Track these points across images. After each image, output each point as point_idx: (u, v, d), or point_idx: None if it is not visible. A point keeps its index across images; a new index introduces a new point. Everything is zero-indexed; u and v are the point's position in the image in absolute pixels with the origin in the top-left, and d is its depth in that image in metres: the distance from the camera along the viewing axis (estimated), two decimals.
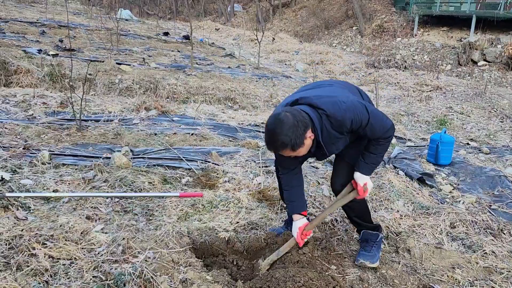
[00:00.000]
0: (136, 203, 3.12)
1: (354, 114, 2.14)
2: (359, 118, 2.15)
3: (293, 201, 2.51)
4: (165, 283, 2.17)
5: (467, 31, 15.24)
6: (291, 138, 2.02)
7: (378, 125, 2.23)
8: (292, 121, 2.02)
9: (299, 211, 2.49)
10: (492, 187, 4.02)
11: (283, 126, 2.02)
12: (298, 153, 2.13)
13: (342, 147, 2.36)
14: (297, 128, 2.02)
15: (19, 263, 2.18)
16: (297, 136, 2.03)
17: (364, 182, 2.38)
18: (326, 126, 2.16)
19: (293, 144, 2.04)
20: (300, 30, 21.96)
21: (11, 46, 8.07)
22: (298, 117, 2.05)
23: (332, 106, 2.14)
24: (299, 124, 2.03)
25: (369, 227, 2.69)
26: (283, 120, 2.03)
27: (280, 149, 2.08)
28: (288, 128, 2.01)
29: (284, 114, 2.05)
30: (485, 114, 7.58)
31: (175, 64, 9.30)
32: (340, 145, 2.33)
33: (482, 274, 2.61)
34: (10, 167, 3.35)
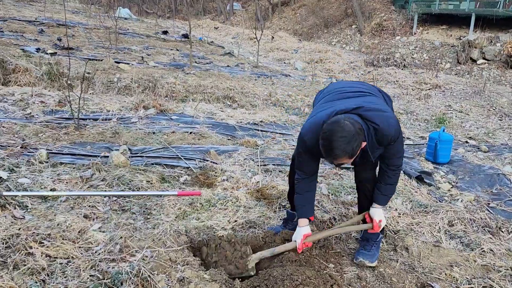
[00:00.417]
0: (134, 202, 3.11)
1: (395, 132, 2.22)
2: (396, 136, 2.24)
3: (304, 206, 2.50)
4: (162, 282, 2.17)
5: (466, 30, 15.23)
6: (353, 147, 2.02)
7: (400, 148, 2.34)
8: (353, 130, 2.02)
9: (307, 216, 2.49)
10: (491, 185, 4.02)
11: (345, 134, 2.00)
12: (351, 159, 2.13)
13: (377, 156, 2.38)
14: (358, 137, 2.04)
15: (16, 262, 2.18)
16: (358, 145, 2.05)
17: (380, 218, 2.51)
18: (372, 137, 2.20)
19: (353, 153, 2.05)
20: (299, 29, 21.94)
21: (9, 44, 8.06)
22: (356, 126, 2.05)
23: (382, 121, 2.18)
24: (358, 132, 2.04)
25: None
26: (345, 129, 2.01)
27: (339, 157, 2.05)
28: (351, 137, 2.01)
29: (343, 122, 2.03)
30: (484, 113, 7.58)
31: (174, 63, 9.29)
32: (377, 154, 2.35)
33: (480, 272, 2.61)
34: (8, 166, 3.35)
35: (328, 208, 3.27)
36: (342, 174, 4.00)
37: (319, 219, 3.11)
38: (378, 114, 2.20)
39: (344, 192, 3.61)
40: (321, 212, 3.21)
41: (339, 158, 2.06)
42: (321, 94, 2.66)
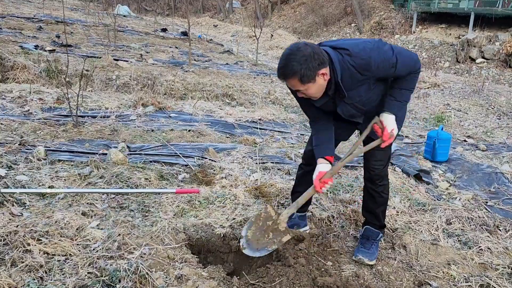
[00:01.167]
0: (132, 199, 3.11)
1: (379, 53, 2.06)
2: (386, 57, 2.07)
3: (318, 145, 2.39)
4: (160, 279, 2.17)
5: (465, 28, 15.24)
6: (303, 67, 1.95)
7: (407, 59, 2.15)
8: (309, 52, 1.97)
9: (323, 155, 2.34)
10: (489, 184, 4.02)
11: (298, 53, 1.97)
12: (307, 89, 2.05)
13: (365, 94, 2.21)
14: (312, 60, 1.96)
15: (14, 259, 2.17)
16: (309, 67, 1.96)
17: (392, 127, 2.23)
18: (349, 66, 2.07)
19: (303, 75, 1.97)
20: (298, 27, 21.92)
21: (7, 41, 8.05)
22: (317, 52, 1.99)
23: (357, 46, 2.07)
24: (315, 56, 1.97)
25: (381, 224, 2.71)
26: (300, 48, 1.98)
27: (288, 77, 2.01)
28: (301, 56, 1.96)
29: (303, 44, 2.00)
30: (482, 111, 7.59)
31: (173, 61, 9.28)
32: (362, 92, 2.19)
33: (477, 270, 2.62)
34: (6, 163, 3.34)
35: (327, 206, 3.28)
36: (340, 172, 4.00)
37: (317, 217, 3.11)
38: (351, 41, 2.12)
39: (342, 190, 3.61)
40: (320, 210, 3.21)
41: (288, 77, 2.01)
42: None
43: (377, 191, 2.60)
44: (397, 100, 2.24)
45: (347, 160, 2.35)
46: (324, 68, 2.02)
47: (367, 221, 2.76)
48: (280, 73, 2.05)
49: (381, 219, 2.71)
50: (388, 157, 2.57)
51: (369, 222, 2.73)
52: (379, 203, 2.65)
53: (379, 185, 2.58)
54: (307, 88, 2.06)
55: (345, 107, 2.27)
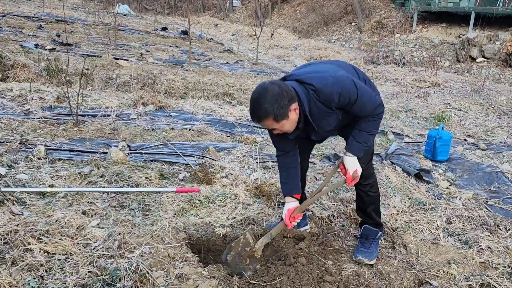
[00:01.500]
0: (133, 198, 3.11)
1: (342, 88, 2.09)
2: (347, 92, 2.10)
3: (286, 183, 2.48)
4: (160, 278, 2.17)
5: (465, 28, 15.22)
6: (274, 107, 1.99)
7: (367, 101, 2.18)
8: (277, 91, 2.01)
9: (291, 193, 2.46)
10: (489, 183, 4.02)
11: (267, 95, 2.00)
12: (282, 126, 2.11)
13: (335, 123, 2.29)
14: (282, 98, 2.00)
15: (14, 258, 2.17)
16: (281, 106, 2.00)
17: (354, 169, 2.31)
18: (314, 100, 2.13)
19: (276, 114, 2.01)
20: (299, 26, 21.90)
21: (8, 40, 8.04)
22: (283, 88, 2.03)
23: (320, 80, 2.11)
24: (284, 94, 2.01)
25: (376, 222, 2.71)
26: (268, 89, 2.01)
27: (263, 119, 2.05)
28: (271, 96, 1.99)
29: (269, 84, 2.04)
30: (482, 111, 7.58)
31: (173, 60, 9.27)
32: (332, 121, 2.26)
33: (478, 270, 2.62)
34: (6, 162, 3.34)
35: (327, 206, 3.28)
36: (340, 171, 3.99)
37: (317, 216, 3.11)
38: (316, 75, 2.15)
39: (342, 189, 3.61)
40: (320, 210, 3.21)
41: (263, 119, 2.04)
42: None
43: (363, 190, 2.61)
44: (357, 141, 2.30)
45: (315, 197, 2.48)
46: (294, 103, 2.07)
47: (363, 221, 2.76)
48: (254, 117, 2.08)
49: (375, 218, 2.71)
50: (368, 157, 2.56)
51: (364, 221, 2.75)
52: (367, 202, 2.66)
53: (364, 184, 2.58)
54: (282, 125, 2.11)
55: (318, 134, 2.38)
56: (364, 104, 2.17)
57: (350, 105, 2.15)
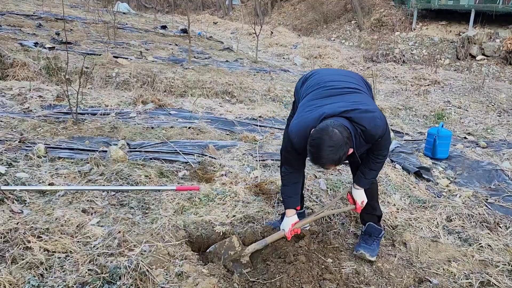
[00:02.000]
0: (133, 197, 3.11)
1: (383, 130, 2.27)
2: (383, 133, 2.29)
3: (291, 197, 2.57)
4: (160, 276, 2.17)
5: (466, 25, 15.20)
6: (340, 155, 2.08)
7: (387, 142, 2.41)
8: (342, 139, 2.06)
9: (294, 206, 2.57)
10: (489, 181, 4.02)
11: (331, 142, 2.04)
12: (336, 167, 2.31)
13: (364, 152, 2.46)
14: (346, 146, 2.08)
15: (14, 256, 2.17)
16: (345, 153, 2.10)
17: (362, 199, 2.58)
18: (359, 138, 2.24)
19: (340, 161, 2.12)
20: (298, 24, 21.87)
21: (7, 39, 8.02)
22: (344, 135, 2.09)
23: (370, 123, 2.21)
24: (347, 141, 2.09)
25: (378, 214, 2.75)
26: (333, 138, 2.04)
27: (326, 165, 2.14)
28: (335, 145, 2.05)
29: (332, 130, 2.06)
30: (482, 108, 7.58)
31: (173, 58, 9.26)
32: (363, 151, 2.43)
33: (477, 267, 2.62)
34: (6, 160, 3.34)
35: (327, 203, 3.27)
36: (340, 169, 4.00)
37: None
38: (367, 115, 2.22)
39: (342, 187, 3.61)
40: (320, 207, 3.21)
41: (326, 165, 2.15)
42: (305, 84, 2.59)
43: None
44: (365, 177, 2.53)
45: (319, 215, 2.70)
46: (350, 148, 2.16)
47: (366, 217, 2.77)
48: (319, 163, 2.15)
49: (377, 207, 2.77)
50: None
51: (368, 217, 2.75)
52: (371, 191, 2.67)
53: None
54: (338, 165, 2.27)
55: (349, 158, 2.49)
56: (385, 143, 2.40)
57: (375, 140, 2.31)
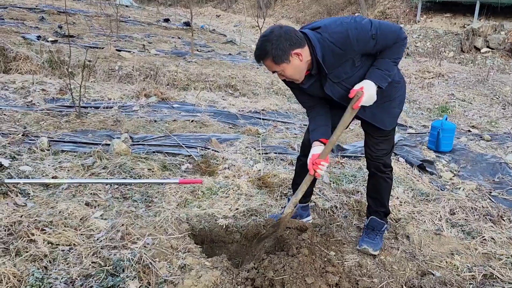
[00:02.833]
0: (136, 190, 3.12)
1: (357, 26, 2.04)
2: (364, 29, 2.04)
3: (314, 129, 2.36)
4: (163, 269, 2.18)
5: (470, 18, 15.06)
6: (273, 47, 2.00)
7: (389, 30, 2.10)
8: (280, 33, 2.02)
9: (318, 137, 2.31)
10: (493, 174, 4.01)
11: (270, 35, 2.02)
12: (284, 70, 2.10)
13: (351, 71, 2.18)
14: (283, 40, 2.00)
15: (18, 248, 2.19)
16: (280, 47, 2.00)
17: (361, 86, 2.13)
18: (328, 43, 2.06)
19: (274, 54, 2.01)
20: (302, 17, 21.73)
21: (10, 32, 8.02)
22: (289, 33, 2.03)
23: (334, 22, 2.09)
24: (286, 37, 2.01)
25: (386, 211, 2.71)
26: (273, 31, 2.04)
27: (262, 57, 2.07)
28: (273, 37, 2.01)
29: (276, 27, 2.06)
30: (487, 101, 7.53)
31: (176, 51, 9.24)
32: (347, 69, 2.16)
33: (481, 260, 2.62)
34: (9, 154, 3.35)
35: (330, 197, 3.27)
36: (343, 162, 3.99)
37: (320, 207, 3.11)
38: (329, 20, 2.13)
39: (345, 180, 3.60)
40: (323, 201, 3.21)
41: (262, 59, 2.07)
42: None
43: (383, 177, 2.60)
44: (378, 68, 2.16)
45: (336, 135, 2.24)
46: (298, 48, 2.04)
47: (372, 211, 2.73)
48: (256, 55, 2.12)
49: (386, 205, 2.70)
50: (392, 144, 2.58)
51: (374, 211, 2.71)
52: (384, 188, 2.64)
53: (385, 171, 2.59)
54: (283, 69, 2.09)
55: (333, 88, 2.24)
56: (385, 33, 2.08)
57: (373, 40, 2.07)
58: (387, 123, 2.43)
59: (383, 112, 2.39)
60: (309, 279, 2.15)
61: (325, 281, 2.19)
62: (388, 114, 2.42)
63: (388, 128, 2.45)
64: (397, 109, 2.47)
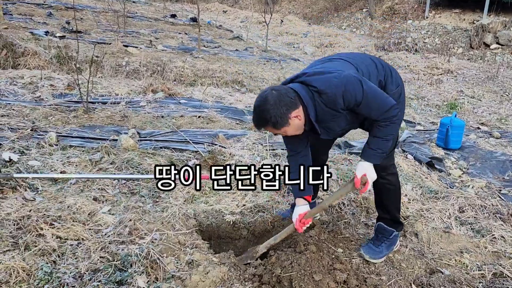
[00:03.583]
0: (143, 185, 3.12)
1: (345, 89, 2.00)
2: (351, 94, 2.01)
3: (293, 171, 2.38)
4: (171, 264, 2.18)
5: (480, 13, 14.88)
6: (272, 115, 1.99)
7: (376, 103, 2.06)
8: (275, 100, 2.00)
9: (302, 195, 2.40)
10: (503, 172, 3.96)
11: (266, 103, 2.00)
12: (285, 132, 2.10)
13: (345, 125, 2.23)
14: (280, 106, 1.99)
15: (27, 243, 2.20)
16: (279, 114, 1.99)
17: (363, 173, 2.17)
18: (319, 103, 2.07)
19: (274, 122, 2.01)
20: (309, 13, 21.62)
21: (18, 28, 8.06)
22: (283, 96, 2.02)
23: (323, 82, 2.04)
24: (282, 103, 2.00)
25: (393, 218, 2.56)
26: (267, 98, 2.01)
27: (263, 126, 2.08)
28: (270, 105, 1.99)
29: (269, 92, 2.03)
30: (496, 98, 7.44)
31: (182, 47, 9.23)
32: (342, 123, 2.20)
33: (490, 259, 2.59)
34: (18, 149, 3.37)
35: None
36: (351, 159, 3.97)
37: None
38: (319, 77, 2.07)
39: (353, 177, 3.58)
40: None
41: (264, 127, 2.08)
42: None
43: (382, 183, 2.46)
44: (370, 147, 2.19)
45: (327, 203, 2.38)
46: (295, 110, 2.04)
47: (379, 216, 2.62)
48: (255, 125, 2.12)
49: (393, 213, 2.56)
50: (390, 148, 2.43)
51: (380, 216, 2.60)
52: (385, 196, 2.53)
53: (382, 176, 2.42)
54: (285, 131, 2.10)
55: (328, 133, 2.26)
56: (370, 106, 2.06)
57: (356, 106, 2.06)
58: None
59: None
60: (316, 276, 2.14)
61: (333, 278, 2.18)
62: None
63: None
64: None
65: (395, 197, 2.56)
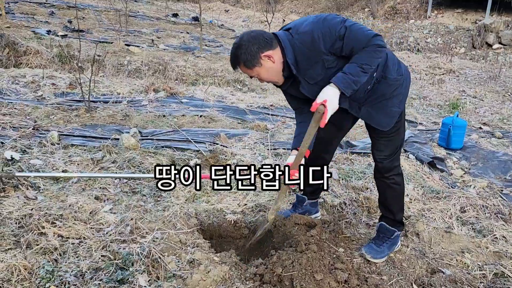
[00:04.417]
0: (145, 184, 3.13)
1: (324, 23, 1.97)
2: (332, 28, 1.95)
3: (295, 136, 2.38)
4: (172, 263, 2.18)
5: (482, 13, 14.84)
6: (242, 52, 2.02)
7: (359, 33, 1.95)
8: (249, 38, 2.03)
9: (295, 146, 2.32)
10: (504, 172, 3.95)
11: (240, 42, 2.04)
12: (259, 74, 2.10)
13: (323, 73, 2.08)
14: (251, 45, 2.01)
15: (29, 241, 2.21)
16: (248, 52, 2.01)
17: (323, 99, 1.97)
18: (298, 44, 2.03)
19: (245, 60, 2.03)
20: (311, 12, 21.59)
21: (20, 26, 8.08)
22: (257, 37, 2.04)
23: (301, 22, 2.07)
24: (254, 41, 2.02)
25: (395, 218, 2.54)
26: (243, 37, 2.05)
27: (235, 64, 2.11)
28: (242, 44, 2.03)
29: (246, 32, 2.08)
30: (498, 98, 7.43)
31: (184, 46, 9.24)
32: (319, 70, 2.07)
33: (491, 259, 2.59)
34: (20, 147, 3.38)
35: (339, 193, 3.25)
36: (352, 159, 3.96)
37: (329, 204, 3.10)
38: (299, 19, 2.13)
39: (354, 177, 3.58)
40: (331, 197, 3.19)
41: (235, 66, 2.10)
42: None
43: (386, 183, 2.46)
44: (343, 71, 2.00)
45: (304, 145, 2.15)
46: (268, 51, 2.03)
47: (382, 216, 2.61)
48: (231, 63, 2.15)
49: (395, 213, 2.53)
50: (394, 148, 2.39)
51: (383, 216, 2.59)
52: (388, 196, 2.51)
53: (387, 176, 2.44)
54: (258, 73, 2.09)
55: (309, 88, 2.16)
56: (356, 36, 1.95)
57: (340, 40, 1.96)
58: (383, 124, 2.27)
59: (379, 111, 2.25)
60: (318, 276, 2.14)
61: (334, 278, 2.18)
62: (385, 114, 2.26)
63: (385, 128, 2.28)
64: (396, 108, 2.27)
65: (400, 196, 2.54)
